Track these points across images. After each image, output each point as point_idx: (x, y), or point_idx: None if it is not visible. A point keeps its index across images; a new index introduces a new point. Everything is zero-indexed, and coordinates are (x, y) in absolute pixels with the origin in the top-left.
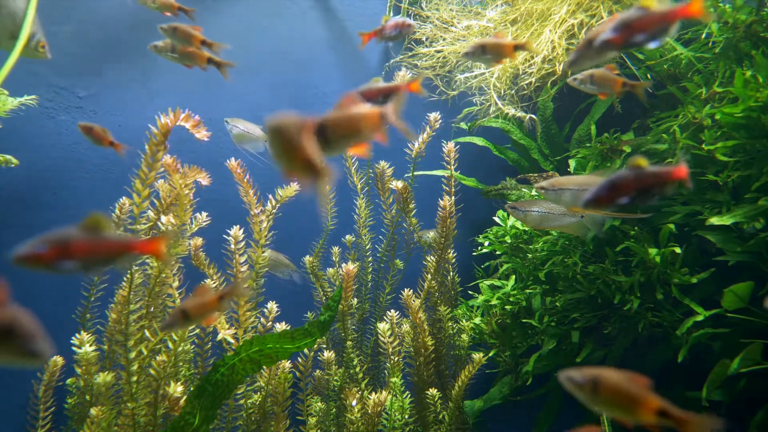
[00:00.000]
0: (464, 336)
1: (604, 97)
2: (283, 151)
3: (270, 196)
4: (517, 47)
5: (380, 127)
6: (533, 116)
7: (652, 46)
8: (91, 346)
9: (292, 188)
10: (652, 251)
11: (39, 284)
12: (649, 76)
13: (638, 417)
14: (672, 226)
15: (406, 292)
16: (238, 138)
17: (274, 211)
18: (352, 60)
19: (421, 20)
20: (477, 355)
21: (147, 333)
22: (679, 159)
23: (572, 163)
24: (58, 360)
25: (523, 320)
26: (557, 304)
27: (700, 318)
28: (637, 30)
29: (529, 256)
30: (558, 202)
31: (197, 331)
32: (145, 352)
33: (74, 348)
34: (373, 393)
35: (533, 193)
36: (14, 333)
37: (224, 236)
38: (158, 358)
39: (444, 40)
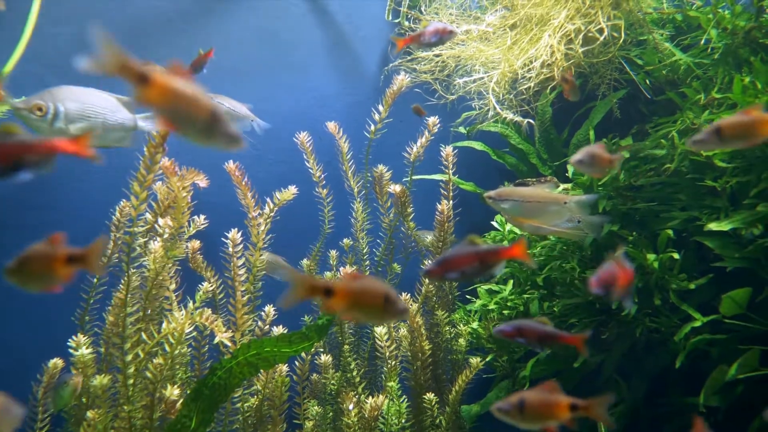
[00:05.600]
0: (461, 340)
1: None
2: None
3: (268, 200)
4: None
5: None
6: (531, 121)
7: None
8: (87, 348)
9: (291, 191)
10: (651, 257)
11: None
12: (648, 81)
13: None
14: (670, 231)
15: (404, 296)
16: None
17: (272, 214)
18: (351, 63)
19: (420, 24)
20: (474, 360)
21: (144, 336)
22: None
23: (570, 168)
24: (58, 362)
25: None
26: (555, 309)
27: (698, 324)
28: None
29: None
30: (501, 211)
31: (194, 334)
32: (142, 355)
33: (71, 350)
34: (370, 397)
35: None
36: None
37: (222, 239)
38: (155, 360)
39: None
